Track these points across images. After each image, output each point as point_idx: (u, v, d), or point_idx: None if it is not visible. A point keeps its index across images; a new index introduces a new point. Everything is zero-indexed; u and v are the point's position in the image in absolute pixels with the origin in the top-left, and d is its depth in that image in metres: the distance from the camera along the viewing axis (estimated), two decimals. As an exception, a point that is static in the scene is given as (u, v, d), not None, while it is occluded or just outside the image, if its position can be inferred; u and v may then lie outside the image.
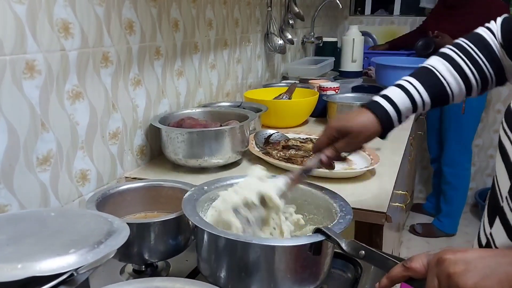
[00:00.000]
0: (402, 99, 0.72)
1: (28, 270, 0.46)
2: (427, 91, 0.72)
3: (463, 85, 0.73)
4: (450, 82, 0.72)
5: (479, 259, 0.45)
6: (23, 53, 0.75)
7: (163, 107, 1.19)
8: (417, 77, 0.74)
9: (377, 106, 0.73)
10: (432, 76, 0.73)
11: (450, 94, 0.73)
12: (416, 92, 0.72)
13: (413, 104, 0.73)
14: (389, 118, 0.73)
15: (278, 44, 1.85)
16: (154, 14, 1.10)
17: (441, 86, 0.73)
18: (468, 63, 0.72)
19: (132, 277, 0.78)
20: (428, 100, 0.73)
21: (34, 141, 0.79)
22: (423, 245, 2.64)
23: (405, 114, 0.74)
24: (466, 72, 0.72)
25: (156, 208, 0.85)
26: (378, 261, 0.54)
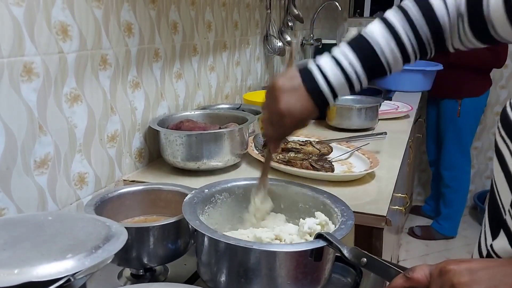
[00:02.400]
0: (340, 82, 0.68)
1: (25, 275, 0.46)
2: (366, 73, 0.69)
3: (401, 58, 0.69)
4: (389, 60, 0.68)
5: (484, 269, 0.44)
6: (20, 56, 0.75)
7: (162, 109, 1.18)
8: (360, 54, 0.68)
9: (320, 98, 0.69)
10: (372, 54, 0.68)
11: (387, 70, 0.70)
12: (355, 74, 0.68)
13: (350, 86, 0.69)
14: (327, 105, 0.70)
15: (277, 46, 1.85)
16: (153, 16, 1.10)
17: (381, 66, 0.69)
18: (410, 35, 0.67)
19: (130, 281, 0.78)
20: (364, 79, 0.69)
21: (31, 144, 0.79)
22: (422, 248, 2.63)
23: (340, 95, 0.70)
24: (406, 47, 0.67)
25: (155, 212, 0.85)
26: (380, 269, 0.54)
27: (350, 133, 1.39)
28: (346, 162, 1.14)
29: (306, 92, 0.68)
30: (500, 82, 2.90)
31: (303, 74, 0.69)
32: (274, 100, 0.68)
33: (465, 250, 2.61)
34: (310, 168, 1.02)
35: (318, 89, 0.68)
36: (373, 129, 1.47)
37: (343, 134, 1.38)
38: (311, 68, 0.69)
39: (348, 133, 1.39)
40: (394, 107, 1.70)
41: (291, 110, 0.68)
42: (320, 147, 1.14)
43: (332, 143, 1.20)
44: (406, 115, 1.66)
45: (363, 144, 1.21)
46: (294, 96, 0.68)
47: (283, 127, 0.70)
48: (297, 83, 0.68)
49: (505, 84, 2.90)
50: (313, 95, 0.68)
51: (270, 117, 0.71)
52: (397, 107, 1.71)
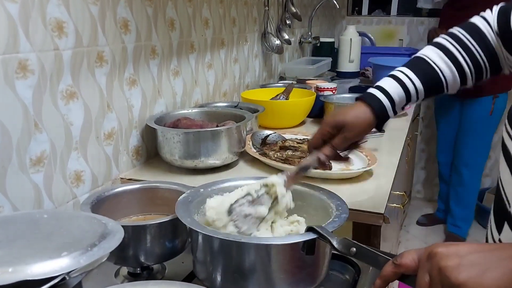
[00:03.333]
0: (395, 88, 0.72)
1: (19, 273, 0.45)
2: (420, 80, 0.72)
3: (457, 73, 0.72)
4: (443, 69, 0.71)
5: (473, 253, 0.42)
6: (15, 53, 0.74)
7: (159, 107, 1.18)
8: (410, 66, 0.73)
9: (370, 97, 0.72)
10: (424, 64, 0.72)
11: (444, 82, 0.72)
12: (409, 80, 0.72)
13: (407, 93, 0.72)
14: (383, 108, 0.72)
15: (275, 44, 1.84)
16: (149, 13, 1.09)
17: (434, 73, 0.71)
18: (461, 51, 0.71)
19: (127, 280, 0.77)
20: (421, 88, 0.72)
21: (27, 142, 0.78)
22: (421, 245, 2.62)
23: (399, 104, 0.73)
24: (459, 60, 0.71)
25: (152, 210, 0.84)
26: (369, 258, 0.53)
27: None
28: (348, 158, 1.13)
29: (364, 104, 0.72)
30: (498, 80, 2.90)
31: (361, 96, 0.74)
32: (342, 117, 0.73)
33: (464, 247, 2.61)
34: (308, 165, 1.02)
35: (373, 95, 0.72)
36: (371, 126, 1.46)
37: (341, 131, 1.37)
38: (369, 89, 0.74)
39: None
40: (392, 105, 1.70)
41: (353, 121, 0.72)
42: (318, 145, 1.13)
43: (330, 141, 1.19)
44: (404, 113, 1.66)
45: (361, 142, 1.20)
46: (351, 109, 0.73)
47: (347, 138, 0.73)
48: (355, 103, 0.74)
49: (503, 82, 2.89)
50: (368, 101, 0.71)
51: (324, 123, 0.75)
52: (395, 104, 1.70)
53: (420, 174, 3.21)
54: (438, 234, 2.76)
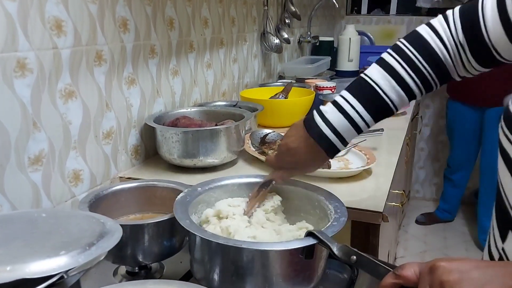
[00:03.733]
0: (346, 128, 0.69)
1: (17, 272, 0.45)
2: (370, 114, 0.69)
3: (406, 97, 0.69)
4: (393, 99, 0.68)
5: (474, 269, 0.43)
6: (14, 51, 0.74)
7: (158, 106, 1.18)
8: (360, 97, 0.69)
9: (323, 138, 0.70)
10: (375, 96, 0.68)
11: (393, 109, 0.70)
12: (360, 119, 0.69)
13: (357, 129, 0.70)
14: (335, 148, 0.71)
15: (274, 44, 1.84)
16: (148, 12, 1.09)
17: (385, 105, 0.69)
18: (407, 68, 0.67)
19: (125, 279, 0.77)
20: (371, 121, 0.70)
21: (25, 141, 0.78)
22: (420, 245, 2.64)
23: (349, 139, 0.71)
24: (410, 85, 0.68)
25: (150, 209, 0.84)
26: (369, 267, 0.53)
27: (347, 130, 1.38)
28: (343, 159, 1.13)
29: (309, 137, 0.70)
30: (498, 79, 2.90)
31: (306, 122, 0.72)
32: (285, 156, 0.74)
33: (463, 247, 2.61)
34: (307, 164, 1.02)
35: (323, 134, 0.69)
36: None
37: (340, 131, 1.37)
38: (314, 115, 0.71)
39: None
40: (392, 104, 1.70)
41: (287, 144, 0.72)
42: (317, 144, 1.13)
43: (329, 140, 1.19)
44: (403, 112, 1.66)
45: (360, 141, 1.20)
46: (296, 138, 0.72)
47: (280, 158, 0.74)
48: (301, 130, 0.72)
49: (503, 81, 2.89)
50: (319, 141, 0.70)
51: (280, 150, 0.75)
52: (395, 104, 1.70)
53: (419, 174, 3.21)
54: (437, 234, 2.77)
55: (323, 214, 0.72)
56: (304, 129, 0.71)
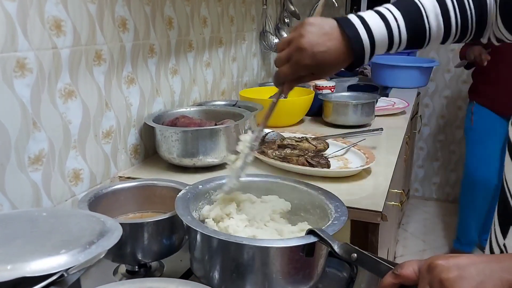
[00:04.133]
0: (382, 37, 0.63)
1: (18, 270, 0.46)
2: (408, 33, 0.64)
3: (443, 34, 0.66)
4: (432, 27, 0.65)
5: (472, 265, 0.44)
6: (13, 51, 0.74)
7: (157, 105, 1.18)
8: (404, 13, 0.64)
9: (357, 41, 0.62)
10: (418, 17, 0.64)
11: (426, 41, 0.66)
12: (398, 33, 0.64)
13: (390, 45, 0.65)
14: (363, 57, 0.64)
15: (273, 43, 1.85)
16: (147, 12, 1.09)
17: (423, 30, 0.65)
18: (457, 11, 0.64)
19: (125, 277, 0.77)
20: (405, 41, 0.65)
21: (25, 141, 0.78)
22: (419, 244, 2.64)
23: (378, 52, 0.65)
24: (451, 18, 0.64)
25: (150, 208, 0.84)
26: (370, 265, 0.54)
27: (346, 129, 1.39)
28: (342, 158, 1.14)
29: (342, 35, 0.61)
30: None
31: (340, 20, 0.63)
32: (299, 35, 0.62)
33: (462, 246, 2.62)
34: (306, 164, 1.02)
35: (358, 35, 0.61)
36: (369, 125, 1.47)
37: (340, 130, 1.38)
38: (351, 17, 0.63)
39: (344, 129, 1.39)
40: (391, 104, 1.70)
41: (313, 47, 0.60)
42: (316, 143, 1.13)
43: (328, 139, 1.20)
44: (402, 111, 1.66)
45: (359, 140, 1.21)
46: (323, 35, 0.61)
47: (299, 65, 0.62)
48: (330, 26, 0.62)
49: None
50: (352, 40, 0.61)
51: (289, 51, 0.63)
52: (394, 103, 1.71)
53: (418, 173, 3.21)
54: (436, 233, 2.77)
55: (323, 213, 0.72)
56: (338, 29, 0.62)
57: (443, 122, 3.09)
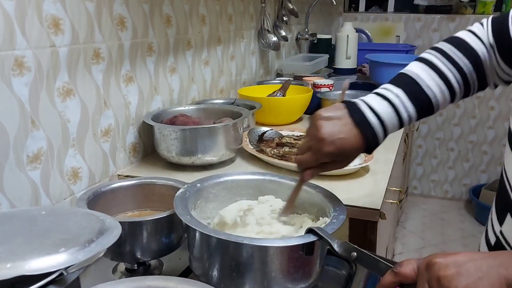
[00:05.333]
0: (391, 119, 0.66)
1: (17, 269, 0.46)
2: (415, 107, 0.67)
3: (448, 92, 0.68)
4: (436, 93, 0.67)
5: (470, 262, 0.44)
6: (12, 50, 0.74)
7: (156, 104, 1.18)
8: (405, 89, 0.67)
9: (368, 128, 0.66)
10: (418, 89, 0.67)
11: (435, 106, 0.68)
12: (404, 109, 0.67)
13: (400, 123, 0.68)
14: (377, 141, 0.67)
15: (272, 41, 1.84)
16: (146, 10, 1.09)
17: (427, 99, 0.67)
18: (450, 67, 0.67)
19: (124, 276, 0.78)
20: (414, 114, 0.68)
21: (24, 139, 0.78)
22: (418, 241, 2.65)
23: (391, 132, 0.68)
24: (449, 78, 0.67)
25: (148, 206, 0.85)
26: (370, 263, 0.54)
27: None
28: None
29: (351, 122, 0.65)
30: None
31: (348, 106, 0.67)
32: (317, 127, 0.66)
33: (461, 243, 2.63)
34: (305, 162, 1.02)
35: (365, 119, 0.65)
36: (368, 123, 1.47)
37: (338, 128, 1.38)
38: (356, 102, 0.67)
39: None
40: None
41: (333, 136, 0.64)
42: (315, 141, 1.13)
43: (326, 137, 1.20)
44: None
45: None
46: (337, 124, 0.65)
47: (321, 153, 0.66)
48: (341, 113, 0.66)
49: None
50: (361, 126, 0.65)
51: (309, 143, 0.67)
52: (392, 101, 1.71)
53: (417, 170, 3.22)
54: (435, 230, 2.78)
55: (321, 212, 0.72)
56: (349, 116, 0.66)
57: (441, 120, 3.09)
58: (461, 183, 3.15)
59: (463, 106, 3.02)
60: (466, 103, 3.00)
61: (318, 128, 0.65)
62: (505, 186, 0.57)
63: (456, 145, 3.10)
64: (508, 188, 0.57)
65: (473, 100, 2.98)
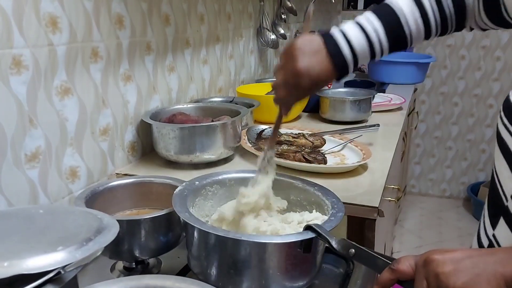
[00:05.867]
0: (363, 48, 0.67)
1: (15, 268, 0.45)
2: (389, 42, 0.67)
3: (424, 32, 0.68)
4: (413, 30, 0.67)
5: (467, 259, 0.44)
6: (9, 48, 0.74)
7: (155, 102, 1.18)
8: (382, 20, 0.67)
9: (341, 61, 0.66)
10: (397, 25, 0.67)
11: (409, 43, 0.69)
12: (378, 42, 0.67)
13: (372, 55, 0.68)
14: (347, 71, 0.68)
15: (270, 39, 1.84)
16: (144, 9, 1.09)
17: (403, 36, 0.68)
18: (434, 9, 0.67)
19: (122, 274, 0.78)
20: (387, 50, 0.68)
21: (22, 138, 0.78)
22: (415, 239, 2.66)
23: (362, 63, 0.69)
24: (430, 20, 0.67)
25: (146, 205, 0.85)
26: (368, 260, 0.54)
27: (343, 125, 1.39)
28: (339, 154, 1.14)
29: (327, 54, 0.66)
30: (493, 75, 2.92)
31: (325, 37, 0.67)
32: (292, 59, 0.66)
33: (459, 241, 2.63)
34: (303, 160, 1.02)
35: (340, 52, 0.66)
36: (366, 121, 1.47)
37: (336, 126, 1.38)
38: (333, 33, 0.67)
39: (341, 125, 1.39)
40: (387, 100, 1.71)
41: (309, 70, 0.65)
42: (313, 140, 1.14)
43: (325, 136, 1.20)
44: (399, 107, 1.67)
45: (356, 136, 1.21)
46: (313, 57, 0.65)
47: (299, 88, 0.67)
48: (317, 45, 0.66)
49: (498, 77, 2.91)
50: (334, 58, 0.66)
51: (285, 78, 0.68)
52: (390, 99, 1.71)
53: (415, 169, 3.23)
54: (432, 229, 2.79)
55: (320, 209, 0.72)
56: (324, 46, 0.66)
57: (439, 118, 3.10)
58: (459, 182, 3.15)
59: (461, 105, 3.02)
60: (464, 101, 3.01)
61: (295, 60, 0.66)
62: (497, 189, 0.57)
63: (454, 144, 3.11)
64: (500, 192, 0.56)
65: (471, 99, 2.99)
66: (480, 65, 2.92)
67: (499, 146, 0.57)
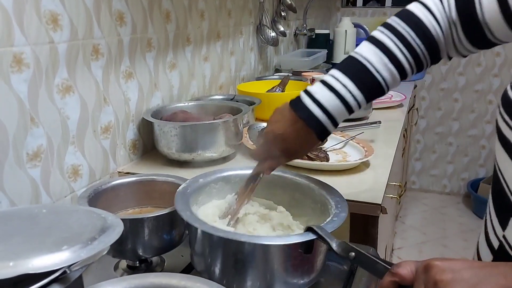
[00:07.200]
0: (337, 107, 0.66)
1: (20, 267, 0.45)
2: (363, 93, 0.66)
3: (398, 75, 0.67)
4: (385, 77, 0.66)
5: (468, 269, 0.44)
6: (10, 46, 0.74)
7: (156, 100, 1.17)
8: (353, 77, 0.66)
9: (315, 122, 0.66)
10: (367, 75, 0.66)
11: (385, 89, 0.68)
12: (351, 96, 0.66)
13: (348, 110, 0.67)
14: (326, 130, 0.67)
15: (270, 36, 1.84)
16: (145, 5, 1.08)
17: (377, 84, 0.66)
18: (400, 46, 0.65)
19: (126, 273, 0.77)
20: (363, 101, 0.67)
21: (23, 137, 0.78)
22: (417, 236, 2.66)
23: (340, 119, 0.68)
24: (402, 62, 0.65)
25: (149, 203, 0.84)
26: (367, 264, 0.54)
27: (344, 122, 1.38)
28: (341, 152, 1.14)
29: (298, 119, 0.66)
30: (493, 71, 2.91)
31: (293, 104, 0.68)
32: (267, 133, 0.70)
33: (461, 237, 2.64)
34: (305, 157, 1.02)
35: (311, 115, 0.66)
36: (367, 118, 1.47)
37: (338, 123, 1.38)
38: (301, 97, 0.67)
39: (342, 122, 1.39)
40: (388, 96, 1.70)
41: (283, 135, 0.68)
42: (315, 137, 1.13)
43: (327, 133, 1.20)
44: (399, 104, 1.66)
45: (357, 133, 1.21)
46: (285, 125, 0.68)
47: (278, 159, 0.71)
48: (288, 113, 0.68)
49: (498, 73, 2.91)
50: (307, 122, 0.66)
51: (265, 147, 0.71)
52: (391, 96, 1.71)
53: (415, 165, 3.23)
54: (435, 225, 2.79)
55: (324, 208, 0.72)
56: (291, 112, 0.67)
57: (440, 114, 3.10)
58: (459, 178, 3.16)
59: (461, 101, 3.02)
60: (465, 97, 3.00)
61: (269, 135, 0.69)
62: (503, 188, 0.56)
63: (455, 140, 3.10)
64: (507, 190, 0.55)
65: (471, 95, 2.99)
66: (480, 60, 2.91)
67: (501, 143, 0.56)
